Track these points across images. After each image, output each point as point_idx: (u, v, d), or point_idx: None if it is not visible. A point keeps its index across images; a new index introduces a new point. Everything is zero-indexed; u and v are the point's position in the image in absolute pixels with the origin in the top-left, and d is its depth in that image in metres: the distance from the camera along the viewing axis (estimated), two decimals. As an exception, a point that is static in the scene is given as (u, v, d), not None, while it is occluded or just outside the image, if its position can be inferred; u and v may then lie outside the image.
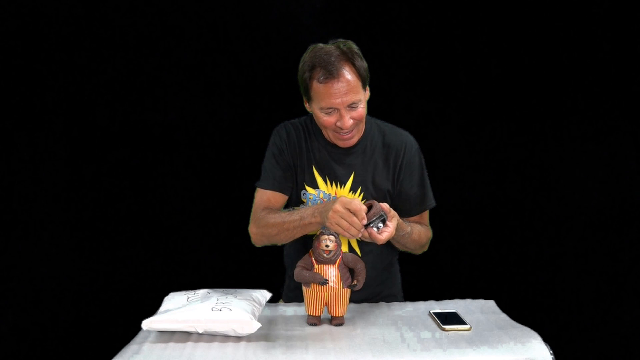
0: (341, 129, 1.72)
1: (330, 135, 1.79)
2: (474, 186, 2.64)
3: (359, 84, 1.70)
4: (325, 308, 1.61)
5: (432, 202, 1.90)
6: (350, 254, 1.62)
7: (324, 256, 1.57)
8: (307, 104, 1.79)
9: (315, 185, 1.84)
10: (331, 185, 1.83)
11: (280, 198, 1.84)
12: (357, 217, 1.55)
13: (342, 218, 1.55)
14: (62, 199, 2.54)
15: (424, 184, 1.88)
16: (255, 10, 2.53)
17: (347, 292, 1.60)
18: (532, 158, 2.62)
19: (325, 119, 1.72)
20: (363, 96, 1.73)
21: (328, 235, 1.57)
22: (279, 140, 1.86)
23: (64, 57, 2.48)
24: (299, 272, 1.60)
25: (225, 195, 2.57)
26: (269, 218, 1.75)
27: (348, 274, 1.60)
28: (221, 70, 2.57)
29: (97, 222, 2.58)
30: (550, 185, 2.64)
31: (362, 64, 1.71)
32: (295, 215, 1.70)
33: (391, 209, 1.64)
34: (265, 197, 1.83)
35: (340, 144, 1.79)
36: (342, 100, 1.67)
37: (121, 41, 2.50)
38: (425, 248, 1.92)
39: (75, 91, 2.51)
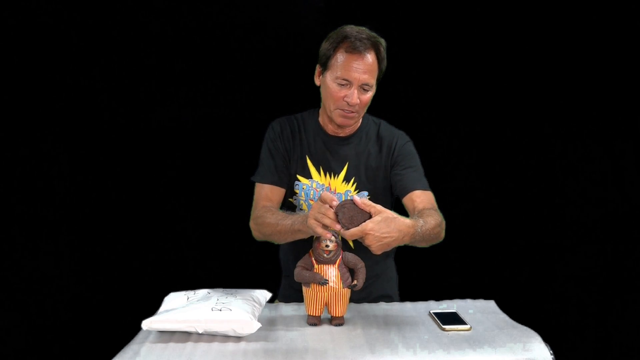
0: (348, 104, 1.75)
1: (332, 111, 1.80)
2: (474, 186, 2.64)
3: (376, 71, 1.77)
4: (325, 308, 1.61)
5: (429, 188, 1.86)
6: (350, 254, 1.62)
7: (324, 256, 1.57)
8: (319, 77, 1.82)
9: (308, 176, 1.86)
10: (325, 175, 1.85)
11: (277, 191, 1.86)
12: (328, 204, 1.52)
13: (317, 211, 1.53)
14: (62, 199, 2.54)
15: (419, 169, 1.88)
16: (256, 9, 2.53)
17: (347, 292, 1.60)
18: (532, 158, 2.63)
19: (335, 90, 1.75)
20: (375, 85, 1.79)
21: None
22: (272, 134, 1.90)
23: (63, 56, 2.48)
24: (299, 272, 1.60)
25: (225, 195, 2.57)
26: (265, 217, 1.77)
27: (348, 274, 1.60)
28: (221, 69, 2.57)
29: (97, 222, 2.58)
30: (551, 185, 2.64)
31: (384, 59, 1.79)
32: (288, 220, 1.70)
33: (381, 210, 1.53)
34: (263, 192, 1.86)
35: (339, 121, 1.80)
36: (359, 77, 1.73)
37: (122, 39, 2.50)
38: (442, 234, 1.75)
39: (74, 90, 2.51)
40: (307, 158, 1.87)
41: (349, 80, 1.73)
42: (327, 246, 1.56)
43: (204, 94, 2.58)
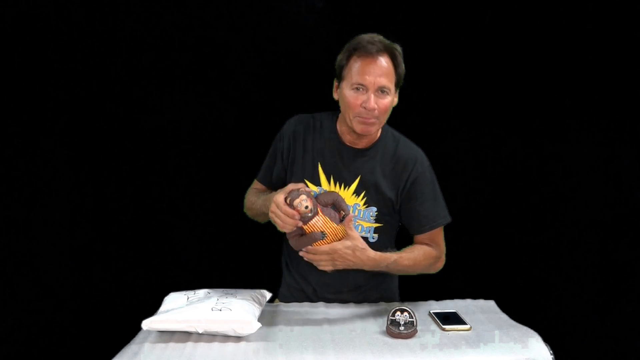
0: (365, 110, 1.71)
1: (351, 120, 1.75)
2: (474, 186, 2.64)
3: (392, 75, 1.73)
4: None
5: (445, 219, 1.86)
6: (321, 194, 1.69)
7: (308, 216, 1.61)
8: (337, 91, 1.79)
9: (317, 183, 1.84)
10: (335, 185, 1.83)
11: (266, 190, 1.94)
12: (279, 209, 1.61)
13: (276, 210, 1.62)
14: (62, 199, 2.54)
15: (436, 200, 1.85)
16: (255, 9, 2.53)
17: (342, 226, 1.65)
18: (532, 158, 2.62)
19: (352, 98, 1.72)
20: (393, 90, 1.75)
21: (298, 196, 1.60)
22: (283, 134, 1.90)
23: (63, 56, 2.48)
24: (296, 241, 1.64)
25: (225, 195, 2.57)
26: (248, 197, 1.94)
27: (334, 212, 1.65)
28: (220, 70, 2.57)
29: (97, 222, 2.58)
30: (550, 185, 2.64)
31: (401, 63, 1.75)
32: (259, 201, 1.82)
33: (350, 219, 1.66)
34: (257, 185, 1.98)
35: (359, 129, 1.75)
36: (374, 80, 1.70)
37: (125, 41, 2.51)
38: (435, 267, 1.86)
39: (75, 90, 2.51)
40: (319, 165, 1.83)
41: (365, 85, 1.70)
42: (306, 207, 1.60)
43: (203, 95, 2.58)
